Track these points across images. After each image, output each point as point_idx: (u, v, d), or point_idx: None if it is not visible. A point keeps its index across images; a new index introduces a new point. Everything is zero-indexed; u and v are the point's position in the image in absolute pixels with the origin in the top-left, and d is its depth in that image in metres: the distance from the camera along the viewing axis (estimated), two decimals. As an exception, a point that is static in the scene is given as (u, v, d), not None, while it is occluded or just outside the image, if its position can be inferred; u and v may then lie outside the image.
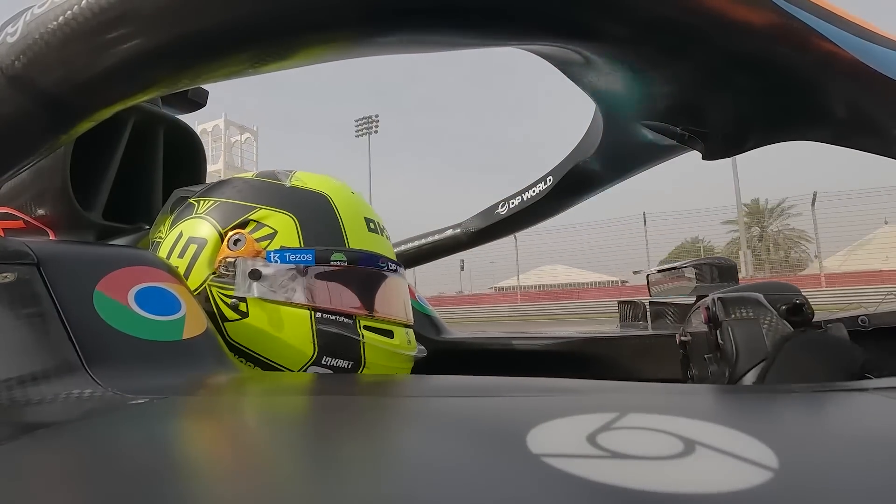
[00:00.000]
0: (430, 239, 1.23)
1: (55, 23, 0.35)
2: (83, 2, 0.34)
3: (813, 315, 0.58)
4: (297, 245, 0.62)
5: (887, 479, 0.19)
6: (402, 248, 1.25)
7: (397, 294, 0.70)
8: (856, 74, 0.37)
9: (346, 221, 0.65)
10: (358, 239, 0.66)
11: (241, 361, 0.60)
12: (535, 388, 0.38)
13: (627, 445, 0.22)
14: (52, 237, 0.77)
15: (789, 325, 0.52)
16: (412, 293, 1.02)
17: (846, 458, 0.21)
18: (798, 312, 0.57)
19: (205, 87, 0.99)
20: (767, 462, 0.20)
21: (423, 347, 0.72)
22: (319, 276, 0.62)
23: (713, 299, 0.55)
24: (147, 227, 0.85)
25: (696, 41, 0.39)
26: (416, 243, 1.25)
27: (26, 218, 0.77)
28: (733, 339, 0.50)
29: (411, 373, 0.71)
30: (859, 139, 0.44)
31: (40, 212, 0.76)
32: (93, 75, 0.37)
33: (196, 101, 0.98)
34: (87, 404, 0.36)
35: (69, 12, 0.34)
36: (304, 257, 0.61)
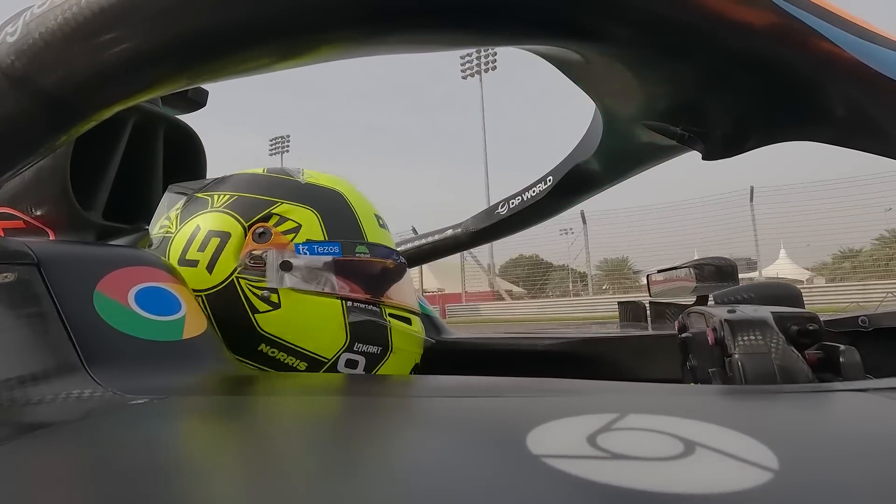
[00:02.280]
0: (430, 239, 1.23)
1: (55, 22, 0.35)
2: (83, 1, 0.34)
3: (824, 333, 0.57)
4: (321, 238, 0.64)
5: (887, 479, 0.19)
6: (402, 248, 1.25)
7: (409, 284, 0.74)
8: (856, 74, 0.37)
9: (361, 217, 0.68)
10: (372, 233, 0.69)
11: (274, 352, 0.61)
12: (535, 388, 0.38)
13: (627, 446, 0.22)
14: (52, 237, 0.77)
15: (800, 354, 0.51)
16: None
17: (846, 458, 0.21)
18: (809, 335, 0.56)
19: (205, 86, 0.99)
20: (767, 463, 0.20)
21: (429, 338, 0.75)
22: (345, 267, 0.64)
23: (720, 321, 0.54)
24: (147, 227, 0.85)
25: (696, 41, 0.39)
26: (417, 243, 1.25)
27: (26, 218, 0.77)
28: (744, 375, 0.50)
29: (413, 372, 0.71)
30: (859, 139, 0.43)
31: (40, 212, 0.76)
32: (93, 75, 0.36)
33: (196, 101, 0.98)
34: (87, 404, 0.36)
35: (69, 12, 0.34)
36: (331, 249, 0.64)
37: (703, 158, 0.58)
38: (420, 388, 0.43)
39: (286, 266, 0.62)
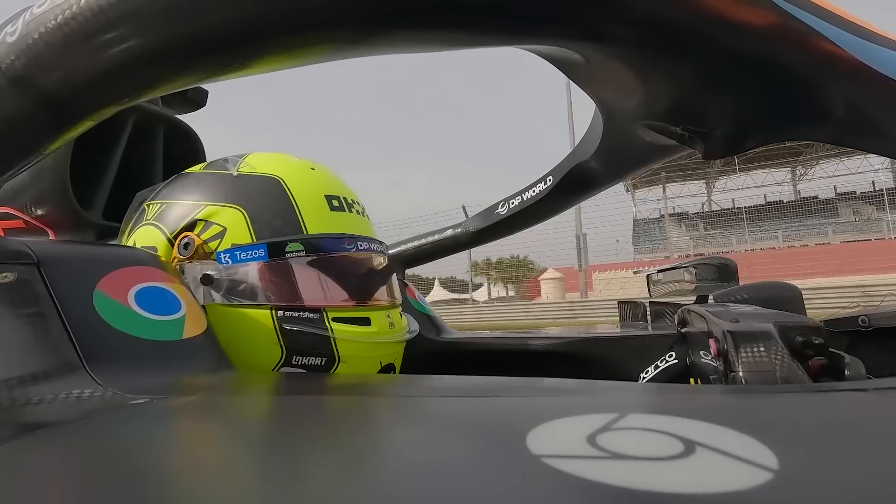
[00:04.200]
0: (430, 239, 1.23)
1: (54, 22, 0.35)
2: (83, 1, 0.34)
3: (828, 346, 0.57)
4: (248, 240, 0.57)
5: (887, 480, 0.19)
6: (402, 248, 1.25)
7: (372, 275, 0.64)
8: (856, 74, 0.37)
9: (301, 204, 0.60)
10: (317, 221, 0.60)
11: None
12: (535, 388, 0.38)
13: (627, 446, 0.22)
14: (52, 237, 0.77)
15: (802, 368, 0.50)
16: (412, 293, 1.02)
17: (846, 458, 0.21)
18: (813, 347, 0.56)
19: (205, 86, 0.99)
20: (767, 462, 0.20)
21: (415, 328, 0.67)
22: (276, 270, 0.57)
23: (723, 333, 0.54)
24: None
25: (696, 41, 0.39)
26: (416, 243, 1.25)
27: (26, 218, 0.77)
28: None
29: (411, 372, 0.70)
30: (859, 139, 0.44)
31: (40, 212, 0.76)
32: (93, 75, 0.36)
33: (196, 101, 0.98)
34: (87, 404, 0.36)
35: (68, 12, 0.34)
36: (255, 253, 0.57)
37: (704, 158, 0.58)
38: (419, 388, 0.43)
39: (207, 280, 0.56)
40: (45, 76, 0.37)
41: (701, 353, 0.66)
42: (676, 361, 0.72)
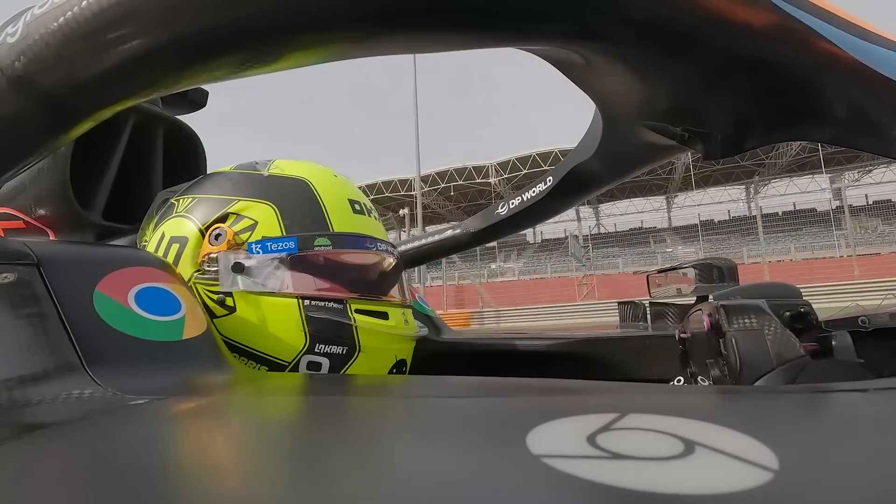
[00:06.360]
0: (430, 239, 1.23)
1: (55, 23, 0.35)
2: (83, 2, 0.34)
3: (817, 321, 0.58)
4: (278, 234, 0.61)
5: (887, 480, 0.19)
6: (402, 248, 1.25)
7: (389, 274, 0.69)
8: (856, 74, 0.37)
9: (328, 205, 0.64)
10: (342, 221, 0.64)
11: (235, 357, 0.59)
12: (535, 388, 0.38)
13: (627, 446, 0.22)
14: (52, 237, 0.77)
15: (793, 334, 0.52)
16: (412, 293, 1.02)
17: (846, 459, 0.21)
18: (802, 320, 0.57)
19: (205, 87, 0.99)
20: (767, 463, 0.20)
21: (424, 326, 0.71)
22: (304, 263, 0.61)
23: (716, 307, 0.55)
24: None
25: (697, 42, 0.39)
26: (416, 244, 1.25)
27: (26, 218, 0.77)
28: (737, 350, 0.50)
29: (412, 372, 0.71)
30: (859, 139, 0.44)
31: (40, 212, 0.76)
32: (93, 75, 0.37)
33: (196, 101, 0.98)
34: (87, 404, 0.36)
35: (69, 13, 0.34)
36: (286, 245, 0.60)
37: (704, 158, 0.58)
38: (419, 388, 0.43)
39: (238, 268, 0.59)
40: (46, 76, 0.37)
41: (700, 377, 0.67)
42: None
